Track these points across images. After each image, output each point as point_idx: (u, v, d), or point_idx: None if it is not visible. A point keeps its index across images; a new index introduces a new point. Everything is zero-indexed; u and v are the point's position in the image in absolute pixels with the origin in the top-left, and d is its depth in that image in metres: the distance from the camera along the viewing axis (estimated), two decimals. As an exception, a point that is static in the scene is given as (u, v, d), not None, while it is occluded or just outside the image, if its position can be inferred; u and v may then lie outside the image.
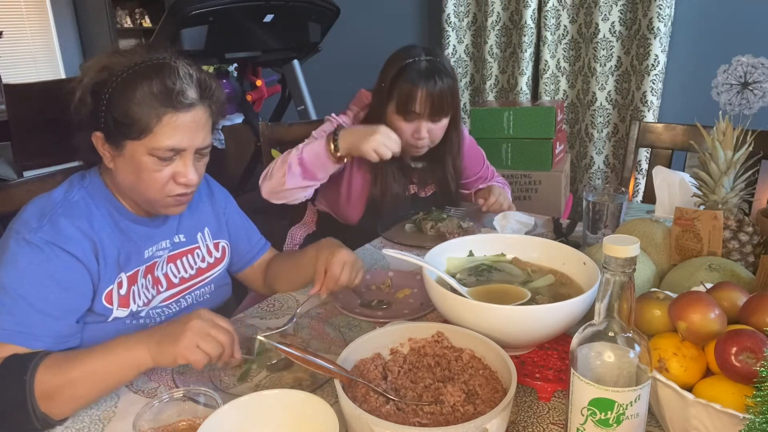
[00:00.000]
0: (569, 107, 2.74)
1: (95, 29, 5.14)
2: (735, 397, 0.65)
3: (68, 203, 0.95)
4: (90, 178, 1.01)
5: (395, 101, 1.40)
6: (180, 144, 0.94)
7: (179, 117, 0.92)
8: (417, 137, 1.42)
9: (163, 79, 0.91)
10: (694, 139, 1.69)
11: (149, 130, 0.92)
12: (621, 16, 2.46)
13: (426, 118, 1.41)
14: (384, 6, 3.20)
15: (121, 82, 0.91)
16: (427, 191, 1.64)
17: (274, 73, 3.28)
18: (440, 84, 1.38)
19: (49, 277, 0.88)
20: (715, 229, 0.98)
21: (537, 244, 1.06)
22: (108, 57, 0.95)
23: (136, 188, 0.98)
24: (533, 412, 0.81)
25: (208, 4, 2.38)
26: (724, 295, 0.76)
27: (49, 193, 0.98)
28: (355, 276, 1.06)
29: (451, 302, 0.86)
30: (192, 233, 1.13)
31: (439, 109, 1.40)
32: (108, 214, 0.99)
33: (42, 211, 0.93)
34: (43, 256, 0.89)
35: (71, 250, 0.91)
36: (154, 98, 0.91)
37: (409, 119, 1.41)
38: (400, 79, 1.39)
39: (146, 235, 1.04)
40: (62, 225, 0.91)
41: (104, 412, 0.83)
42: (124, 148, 0.94)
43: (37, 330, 0.86)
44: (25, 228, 0.90)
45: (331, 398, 0.80)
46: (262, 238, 1.30)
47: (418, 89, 1.37)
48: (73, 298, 0.92)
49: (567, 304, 0.81)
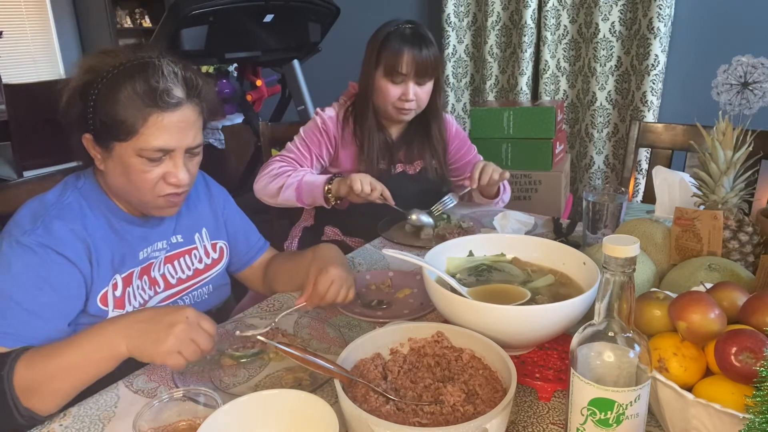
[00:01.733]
0: (569, 107, 2.74)
1: (95, 29, 5.14)
2: (735, 397, 0.65)
3: (62, 205, 0.95)
4: (84, 179, 1.00)
5: (383, 66, 1.49)
6: (168, 144, 0.92)
7: (165, 117, 0.91)
8: (404, 98, 1.50)
9: (146, 79, 0.90)
10: (694, 139, 1.69)
11: (135, 131, 0.90)
12: (621, 16, 2.46)
13: (412, 78, 1.49)
14: (384, 6, 3.20)
15: (107, 83, 0.90)
16: (415, 167, 1.66)
17: (274, 73, 3.28)
18: (424, 47, 1.48)
19: (42, 280, 0.88)
20: (715, 229, 0.98)
21: (537, 244, 1.06)
22: (94, 57, 0.94)
23: (126, 190, 0.97)
24: (533, 412, 0.81)
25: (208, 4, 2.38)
26: (724, 295, 0.76)
27: (42, 195, 0.97)
28: (345, 294, 1.02)
29: (451, 302, 0.86)
30: (189, 234, 1.12)
31: (424, 71, 1.49)
32: (102, 215, 0.99)
33: (35, 213, 0.92)
34: (37, 259, 0.88)
35: (64, 253, 0.90)
36: (139, 98, 0.89)
37: (396, 81, 1.49)
38: (387, 44, 1.49)
39: (141, 235, 1.03)
40: (55, 227, 0.91)
41: (104, 412, 0.83)
42: (112, 150, 0.93)
43: (25, 332, 0.86)
44: (19, 230, 0.90)
45: (331, 398, 0.80)
46: (261, 238, 1.30)
47: (404, 51, 1.47)
48: (66, 301, 0.91)
49: (567, 304, 0.81)
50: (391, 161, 1.61)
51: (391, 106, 1.52)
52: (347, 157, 1.60)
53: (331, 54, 3.22)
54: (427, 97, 1.55)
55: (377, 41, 1.51)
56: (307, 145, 1.56)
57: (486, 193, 1.62)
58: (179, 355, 0.79)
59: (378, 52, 1.50)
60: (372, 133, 1.55)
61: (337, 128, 1.58)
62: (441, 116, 1.64)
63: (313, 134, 1.57)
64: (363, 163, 1.57)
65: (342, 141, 1.59)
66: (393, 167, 1.62)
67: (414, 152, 1.65)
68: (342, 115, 1.59)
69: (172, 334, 0.78)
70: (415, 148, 1.65)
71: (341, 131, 1.58)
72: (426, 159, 1.64)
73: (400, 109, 1.52)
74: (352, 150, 1.59)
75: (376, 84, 1.52)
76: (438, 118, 1.63)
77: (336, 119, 1.58)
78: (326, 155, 1.59)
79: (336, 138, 1.58)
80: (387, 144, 1.60)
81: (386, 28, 1.52)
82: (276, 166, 1.53)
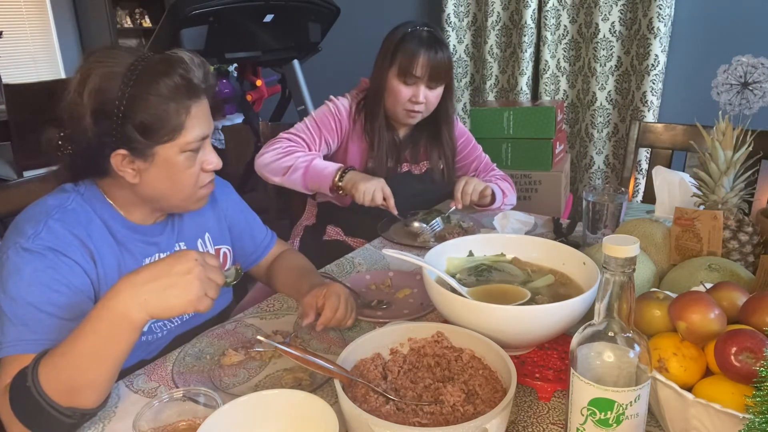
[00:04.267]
0: (569, 107, 2.74)
1: (95, 29, 5.14)
2: (735, 397, 0.65)
3: (65, 210, 0.92)
4: (85, 186, 0.97)
5: (397, 65, 1.49)
6: (206, 131, 0.95)
7: (200, 104, 0.93)
8: (414, 101, 1.50)
9: (179, 72, 0.89)
10: (694, 139, 1.69)
11: (181, 127, 0.91)
12: (621, 16, 2.45)
13: (424, 82, 1.49)
14: (384, 6, 3.20)
15: (135, 89, 0.87)
16: (421, 167, 1.66)
17: (274, 73, 3.28)
18: (440, 51, 1.49)
19: (56, 281, 0.86)
20: (715, 229, 0.98)
21: (537, 244, 1.06)
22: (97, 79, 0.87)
23: (168, 193, 0.96)
24: (533, 412, 0.81)
25: (208, 4, 2.38)
26: (724, 295, 0.76)
27: (42, 199, 0.95)
28: (349, 314, 1.00)
29: (451, 302, 0.86)
30: (192, 240, 1.10)
31: (436, 76, 1.49)
32: (104, 225, 0.96)
33: (37, 218, 0.90)
34: (47, 262, 0.86)
35: (71, 256, 0.89)
36: (178, 92, 0.89)
37: (409, 83, 1.49)
38: (403, 45, 1.48)
39: (145, 244, 1.01)
40: (59, 231, 0.89)
41: (104, 412, 0.83)
42: (154, 156, 0.91)
43: (51, 335, 0.83)
44: (22, 237, 0.87)
45: (331, 398, 0.80)
46: (268, 234, 1.28)
47: (420, 54, 1.47)
48: (83, 300, 0.89)
49: (567, 304, 0.81)
50: (397, 160, 1.61)
51: (400, 107, 1.52)
52: (356, 151, 1.59)
53: (331, 54, 3.22)
54: (436, 101, 1.55)
55: (393, 41, 1.50)
56: (318, 128, 1.55)
57: (479, 203, 1.61)
58: (206, 298, 0.78)
59: (393, 52, 1.49)
60: (382, 131, 1.56)
61: (349, 119, 1.58)
62: (452, 121, 1.64)
63: (326, 117, 1.56)
64: (372, 161, 1.57)
65: (352, 134, 1.59)
66: (399, 166, 1.62)
67: (420, 152, 1.66)
68: (354, 108, 1.59)
69: (194, 280, 0.76)
70: (422, 149, 1.65)
71: (353, 124, 1.58)
72: (433, 161, 1.64)
73: (409, 111, 1.52)
74: (361, 146, 1.59)
75: (388, 84, 1.51)
76: (449, 123, 1.62)
77: (349, 110, 1.58)
78: (334, 142, 1.58)
79: (347, 128, 1.58)
80: (394, 143, 1.60)
81: (403, 28, 1.51)
82: (284, 144, 1.51)
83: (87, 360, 0.75)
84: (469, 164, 1.73)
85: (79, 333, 0.76)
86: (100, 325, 0.76)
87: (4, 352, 0.82)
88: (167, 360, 0.96)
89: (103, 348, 0.76)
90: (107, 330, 0.75)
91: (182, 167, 0.93)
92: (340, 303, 0.99)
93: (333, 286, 1.02)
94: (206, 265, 0.79)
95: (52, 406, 0.74)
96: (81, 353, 0.75)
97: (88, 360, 0.76)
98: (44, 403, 0.74)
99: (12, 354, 0.81)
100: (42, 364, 0.76)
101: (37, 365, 0.76)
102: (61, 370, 0.75)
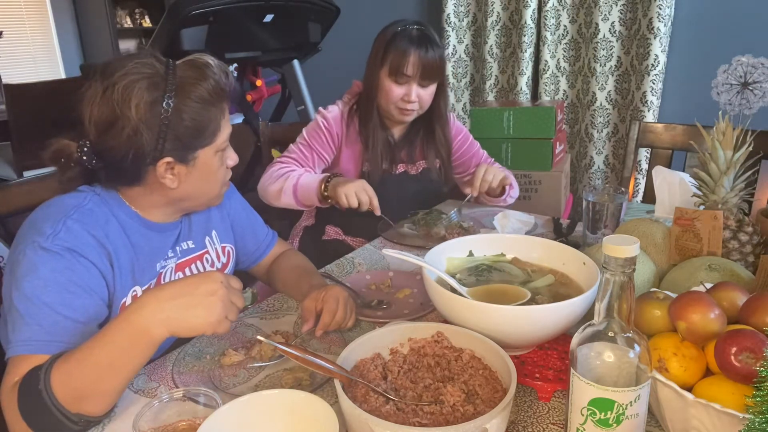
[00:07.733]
0: (569, 107, 2.74)
1: (95, 29, 5.14)
2: (735, 397, 0.65)
3: (83, 210, 0.91)
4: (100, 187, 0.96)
5: (388, 65, 1.49)
6: (230, 129, 0.99)
7: (227, 106, 0.97)
8: (406, 100, 1.49)
9: (213, 76, 0.93)
10: (694, 139, 1.69)
11: (219, 129, 0.95)
12: (621, 16, 2.45)
13: (416, 81, 1.49)
14: (384, 6, 3.20)
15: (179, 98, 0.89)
16: (417, 167, 1.66)
17: (274, 73, 3.28)
18: (430, 49, 1.48)
19: (73, 283, 0.85)
20: (715, 229, 0.98)
21: (537, 244, 1.06)
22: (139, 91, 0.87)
23: (200, 193, 1.00)
24: (533, 412, 0.81)
25: (208, 4, 2.38)
26: (724, 295, 0.76)
27: (59, 198, 0.94)
28: (349, 315, 1.01)
29: (451, 302, 0.86)
30: (200, 238, 1.11)
31: (428, 74, 1.48)
32: (119, 225, 0.96)
33: (55, 217, 0.89)
34: (65, 263, 0.85)
35: (89, 257, 0.88)
36: (214, 97, 0.93)
37: (400, 82, 1.49)
38: (394, 44, 1.48)
39: (158, 244, 1.01)
40: (77, 231, 0.88)
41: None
42: (196, 159, 0.95)
43: (65, 337, 0.83)
44: (41, 235, 0.86)
45: (331, 398, 0.80)
46: (269, 233, 1.29)
47: (410, 52, 1.46)
48: (98, 303, 0.89)
49: (567, 304, 0.81)
50: (393, 161, 1.61)
51: (393, 106, 1.52)
52: (350, 155, 1.59)
53: (331, 54, 3.22)
54: (429, 99, 1.54)
55: (384, 40, 1.50)
56: (309, 145, 1.56)
57: (491, 193, 1.61)
58: (227, 320, 0.79)
59: (384, 52, 1.49)
60: (376, 131, 1.55)
61: (341, 126, 1.57)
62: (445, 119, 1.63)
63: (315, 133, 1.57)
64: (367, 162, 1.57)
65: (346, 139, 1.58)
66: (395, 167, 1.62)
67: (416, 152, 1.65)
68: (347, 112, 1.59)
69: (217, 302, 0.77)
70: (417, 149, 1.65)
71: (346, 129, 1.58)
72: (429, 160, 1.64)
73: (402, 109, 1.52)
74: (355, 148, 1.59)
75: (380, 83, 1.52)
76: (442, 121, 1.62)
77: (340, 117, 1.58)
78: (329, 154, 1.58)
79: (339, 136, 1.58)
80: (389, 144, 1.60)
81: (393, 27, 1.51)
82: (276, 167, 1.53)
83: (102, 370, 0.76)
84: (469, 160, 1.73)
85: (97, 342, 0.77)
86: (119, 337, 0.76)
87: (14, 350, 0.82)
88: (167, 360, 0.96)
89: (119, 360, 0.77)
90: (126, 342, 0.76)
91: (216, 167, 0.98)
92: (338, 306, 0.99)
93: (331, 290, 1.02)
94: (230, 288, 0.80)
95: (60, 411, 0.75)
96: (97, 363, 0.76)
97: (103, 370, 0.76)
98: (53, 407, 0.75)
99: (23, 353, 0.81)
100: (55, 368, 0.76)
101: (51, 369, 0.76)
102: (75, 376, 0.76)
